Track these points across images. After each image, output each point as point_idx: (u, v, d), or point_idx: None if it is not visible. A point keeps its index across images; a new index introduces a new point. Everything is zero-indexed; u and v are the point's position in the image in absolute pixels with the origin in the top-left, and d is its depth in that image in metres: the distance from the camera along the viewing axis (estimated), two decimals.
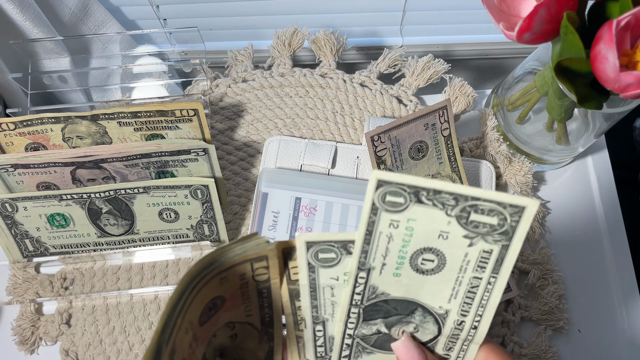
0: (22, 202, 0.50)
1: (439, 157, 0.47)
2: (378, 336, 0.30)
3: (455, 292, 0.28)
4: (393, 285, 0.28)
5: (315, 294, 0.29)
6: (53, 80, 0.62)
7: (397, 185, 0.24)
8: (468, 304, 0.28)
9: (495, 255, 0.26)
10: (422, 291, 0.28)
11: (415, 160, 0.46)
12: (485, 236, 0.25)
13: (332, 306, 0.29)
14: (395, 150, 0.45)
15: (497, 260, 0.26)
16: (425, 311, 0.29)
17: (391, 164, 0.45)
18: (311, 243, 0.26)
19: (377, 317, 0.29)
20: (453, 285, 0.27)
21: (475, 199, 0.23)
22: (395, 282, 0.28)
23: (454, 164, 0.47)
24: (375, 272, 0.27)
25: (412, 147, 0.45)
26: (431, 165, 0.46)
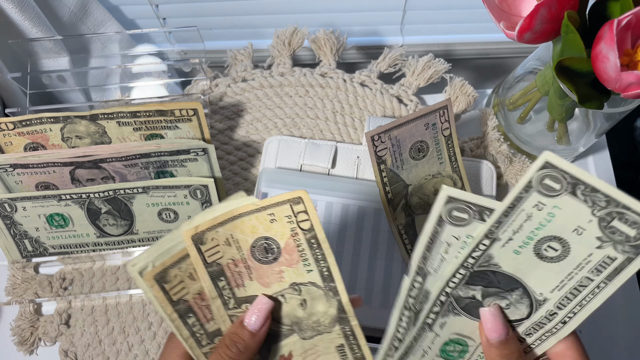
0: (21, 202, 0.50)
1: (440, 157, 0.46)
2: (471, 301, 0.31)
3: (563, 284, 0.29)
4: (508, 261, 0.29)
5: (432, 246, 0.30)
6: (52, 80, 0.62)
7: (559, 171, 0.25)
8: (568, 300, 0.30)
9: (617, 264, 0.28)
10: (531, 274, 0.29)
11: (416, 160, 0.46)
12: (617, 244, 0.27)
13: (440, 262, 0.30)
14: (396, 150, 0.45)
15: (617, 269, 0.28)
16: (524, 292, 0.30)
17: (391, 163, 0.45)
18: (452, 199, 0.28)
19: (479, 284, 0.31)
20: (563, 278, 0.29)
21: (626, 208, 0.25)
22: (511, 258, 0.29)
23: (454, 164, 0.47)
24: (499, 243, 0.28)
25: (413, 147, 0.45)
26: (432, 165, 0.46)
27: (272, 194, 0.53)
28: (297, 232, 0.31)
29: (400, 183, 0.46)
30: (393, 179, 0.46)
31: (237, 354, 0.30)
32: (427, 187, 0.46)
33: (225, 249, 0.31)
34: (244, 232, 0.31)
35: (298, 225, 0.31)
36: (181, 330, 0.32)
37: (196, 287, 0.32)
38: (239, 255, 0.32)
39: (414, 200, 0.46)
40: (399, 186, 0.46)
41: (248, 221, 0.31)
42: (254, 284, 0.33)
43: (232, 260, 0.32)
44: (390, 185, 0.46)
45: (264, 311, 0.32)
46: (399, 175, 0.45)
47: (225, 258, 0.32)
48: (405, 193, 0.46)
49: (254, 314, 0.32)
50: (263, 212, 0.31)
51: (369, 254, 0.51)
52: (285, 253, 0.32)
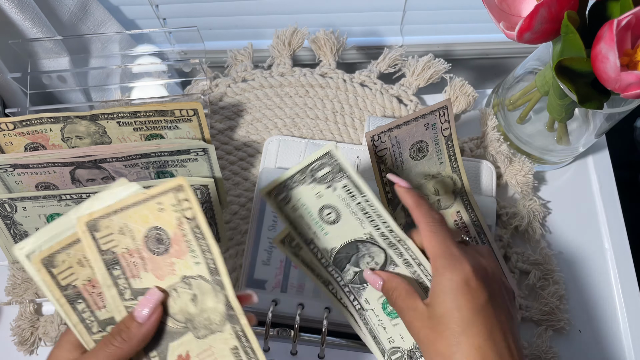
0: (21, 202, 0.50)
1: (440, 157, 0.46)
2: (358, 276, 0.39)
3: (359, 219, 0.37)
4: (330, 241, 0.38)
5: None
6: (52, 80, 0.62)
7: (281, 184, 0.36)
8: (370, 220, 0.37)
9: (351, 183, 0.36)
10: (346, 233, 0.38)
11: (416, 160, 0.46)
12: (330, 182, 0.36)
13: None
14: (396, 150, 0.45)
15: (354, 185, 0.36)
16: (361, 243, 0.38)
17: (391, 163, 0.45)
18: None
19: (345, 264, 0.39)
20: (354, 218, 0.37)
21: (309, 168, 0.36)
22: (329, 238, 0.38)
23: (454, 164, 0.47)
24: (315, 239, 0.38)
25: (413, 147, 0.45)
26: (431, 166, 0.46)
27: None
28: (182, 221, 0.32)
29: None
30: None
31: (121, 342, 0.31)
32: (427, 186, 0.46)
33: (119, 238, 0.32)
34: (136, 222, 0.32)
35: (182, 214, 0.31)
36: (70, 316, 0.32)
37: (86, 274, 0.32)
38: (134, 245, 0.32)
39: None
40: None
41: (140, 210, 0.31)
42: (149, 276, 0.33)
43: (127, 250, 0.32)
44: (390, 185, 0.46)
45: (153, 302, 0.32)
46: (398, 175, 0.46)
47: (120, 247, 0.32)
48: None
49: (143, 305, 0.32)
50: (152, 200, 0.31)
51: None
52: (174, 244, 0.32)
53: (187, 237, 0.32)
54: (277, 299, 0.49)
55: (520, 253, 0.55)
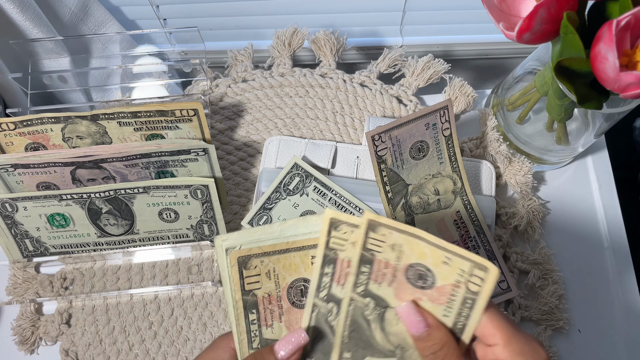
0: (22, 202, 0.50)
1: (440, 157, 0.47)
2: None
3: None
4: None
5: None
6: (53, 80, 0.62)
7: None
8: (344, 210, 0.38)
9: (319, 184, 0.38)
10: None
11: (416, 160, 0.46)
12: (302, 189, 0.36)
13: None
14: (396, 149, 0.45)
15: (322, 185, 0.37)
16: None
17: (392, 163, 0.45)
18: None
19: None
20: None
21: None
22: None
23: (454, 164, 0.47)
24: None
25: (413, 146, 0.46)
26: (432, 165, 0.46)
27: None
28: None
29: (400, 182, 0.46)
30: (393, 179, 0.46)
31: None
32: (427, 186, 0.47)
33: (264, 281, 0.30)
34: (285, 268, 0.30)
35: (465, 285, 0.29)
36: (240, 321, 0.31)
37: (268, 287, 0.31)
38: (275, 292, 0.31)
39: (413, 199, 0.46)
40: (398, 185, 0.46)
41: (292, 258, 0.30)
42: (283, 328, 0.32)
43: (268, 295, 0.31)
44: (390, 185, 0.46)
45: (296, 343, 0.30)
46: (399, 174, 0.46)
47: (262, 290, 0.31)
48: (405, 192, 0.46)
49: (285, 343, 0.30)
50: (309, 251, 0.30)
51: None
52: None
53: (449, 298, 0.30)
54: None
55: (519, 253, 0.55)
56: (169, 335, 0.53)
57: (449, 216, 0.46)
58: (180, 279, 0.55)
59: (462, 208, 0.46)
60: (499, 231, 0.55)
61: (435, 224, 0.44)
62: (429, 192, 0.47)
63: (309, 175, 0.36)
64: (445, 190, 0.46)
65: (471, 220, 0.45)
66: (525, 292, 0.54)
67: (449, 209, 0.46)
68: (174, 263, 0.55)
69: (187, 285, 0.54)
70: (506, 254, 0.55)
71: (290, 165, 0.36)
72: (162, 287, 0.54)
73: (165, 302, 0.54)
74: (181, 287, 0.54)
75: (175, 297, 0.54)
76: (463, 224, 0.45)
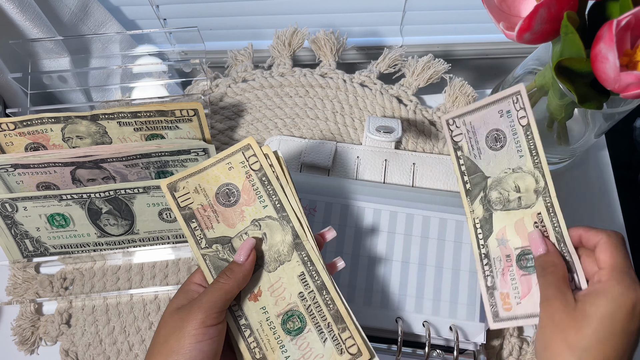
0: (22, 202, 0.50)
1: (519, 150, 0.43)
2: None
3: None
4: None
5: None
6: (53, 80, 0.62)
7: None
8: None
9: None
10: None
11: (494, 151, 0.44)
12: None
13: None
14: (472, 137, 0.44)
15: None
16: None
17: (468, 151, 0.44)
18: None
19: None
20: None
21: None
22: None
23: (536, 159, 0.42)
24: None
25: (489, 135, 0.43)
26: (511, 158, 0.43)
27: None
28: (251, 173, 0.40)
29: (479, 174, 0.44)
30: (471, 169, 0.45)
31: (226, 279, 0.38)
32: (507, 181, 0.43)
33: (194, 196, 0.40)
34: (209, 182, 0.40)
35: (250, 168, 0.40)
36: (185, 230, 0.40)
37: (199, 199, 0.40)
38: (207, 202, 0.40)
39: (493, 194, 0.44)
40: (477, 177, 0.44)
41: (211, 172, 0.40)
42: (221, 226, 0.40)
43: (201, 205, 0.40)
44: (468, 175, 0.44)
45: (247, 246, 0.39)
46: (476, 165, 0.44)
47: (195, 204, 0.40)
48: (484, 186, 0.44)
49: (241, 249, 0.39)
50: (222, 162, 0.40)
51: (368, 255, 0.51)
52: (243, 194, 0.40)
53: (255, 186, 0.40)
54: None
55: None
56: None
57: (529, 217, 0.42)
58: (180, 279, 0.55)
59: (544, 210, 0.42)
60: None
61: (514, 223, 0.42)
62: (509, 187, 0.43)
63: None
64: (526, 188, 0.42)
65: (552, 225, 0.41)
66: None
67: (529, 209, 0.42)
68: (174, 263, 0.55)
69: None
70: None
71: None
72: (162, 287, 0.54)
73: (165, 302, 0.54)
74: None
75: None
76: (544, 227, 0.41)
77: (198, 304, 0.36)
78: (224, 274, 0.38)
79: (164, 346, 0.36)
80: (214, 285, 0.38)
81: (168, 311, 0.38)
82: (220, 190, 0.40)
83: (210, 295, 0.37)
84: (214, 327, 0.36)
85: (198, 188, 0.40)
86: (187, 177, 0.40)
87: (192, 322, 0.36)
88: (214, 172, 0.40)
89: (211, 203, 0.40)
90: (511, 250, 0.42)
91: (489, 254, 0.43)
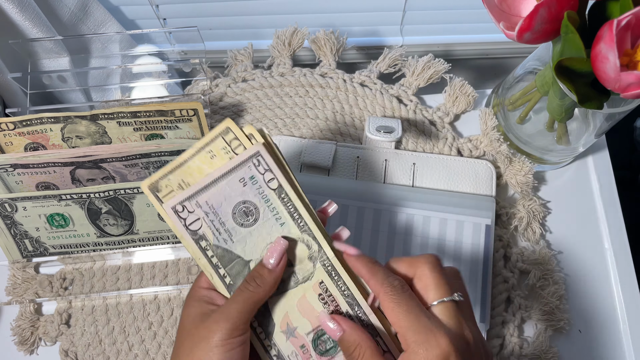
0: (22, 202, 0.50)
1: (278, 218, 0.36)
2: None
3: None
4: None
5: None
6: (52, 80, 0.62)
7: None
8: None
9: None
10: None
11: (248, 227, 0.36)
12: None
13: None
14: (214, 219, 0.36)
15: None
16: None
17: (215, 238, 0.36)
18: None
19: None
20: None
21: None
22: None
23: (300, 222, 0.36)
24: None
25: (236, 211, 0.36)
26: (271, 230, 0.36)
27: None
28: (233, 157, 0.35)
29: (237, 261, 0.36)
30: (225, 258, 0.36)
31: (256, 287, 0.34)
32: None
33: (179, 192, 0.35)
34: (192, 175, 0.35)
35: (234, 152, 0.35)
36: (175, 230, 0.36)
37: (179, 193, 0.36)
38: None
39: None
40: (236, 265, 0.36)
41: (193, 164, 0.35)
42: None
43: None
44: (224, 267, 0.36)
45: (280, 249, 0.35)
46: (231, 251, 0.36)
47: None
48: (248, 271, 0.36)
49: (272, 253, 0.35)
50: (202, 152, 0.35)
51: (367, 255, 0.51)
52: None
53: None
54: None
55: (520, 253, 0.55)
56: (168, 335, 0.53)
57: (310, 291, 0.36)
58: (180, 279, 0.55)
59: (325, 277, 0.36)
60: (500, 231, 0.55)
61: (296, 304, 0.36)
62: None
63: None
64: (299, 259, 0.36)
65: (340, 290, 0.35)
66: (525, 292, 0.54)
67: (309, 281, 0.36)
68: (173, 263, 0.55)
69: (186, 285, 0.54)
70: (507, 254, 0.55)
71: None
72: (162, 287, 0.54)
73: (165, 302, 0.54)
74: (181, 287, 0.54)
75: (175, 297, 0.54)
76: (330, 296, 0.35)
77: (226, 315, 0.34)
78: (253, 280, 0.35)
79: (190, 357, 0.34)
80: (242, 293, 0.35)
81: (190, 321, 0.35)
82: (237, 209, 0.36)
83: (238, 305, 0.34)
84: (242, 336, 0.34)
85: (182, 183, 0.35)
86: (167, 175, 0.35)
87: (219, 333, 0.33)
88: (195, 163, 0.35)
89: None
90: (304, 339, 0.36)
91: (280, 354, 0.36)
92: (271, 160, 0.35)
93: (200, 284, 0.37)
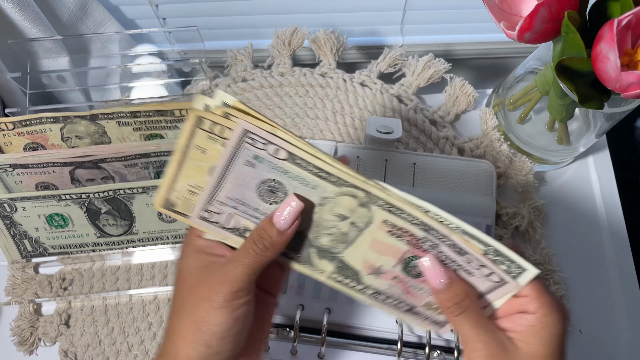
0: (21, 202, 0.49)
1: (306, 184, 0.33)
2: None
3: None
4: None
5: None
6: (52, 80, 0.62)
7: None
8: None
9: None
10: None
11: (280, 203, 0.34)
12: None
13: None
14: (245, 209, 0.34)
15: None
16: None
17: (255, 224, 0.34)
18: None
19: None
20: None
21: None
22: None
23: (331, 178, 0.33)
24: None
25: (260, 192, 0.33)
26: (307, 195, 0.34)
27: None
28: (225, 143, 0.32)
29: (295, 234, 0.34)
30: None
31: (263, 249, 0.32)
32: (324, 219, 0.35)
33: (195, 198, 0.33)
34: (195, 177, 0.33)
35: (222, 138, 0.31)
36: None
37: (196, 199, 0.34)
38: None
39: (323, 240, 0.35)
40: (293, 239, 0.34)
41: (190, 167, 0.33)
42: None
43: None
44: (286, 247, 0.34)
45: (293, 212, 0.32)
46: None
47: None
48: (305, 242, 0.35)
49: (283, 212, 0.32)
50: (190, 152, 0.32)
51: None
52: None
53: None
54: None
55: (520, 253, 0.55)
56: None
57: (378, 232, 0.34)
58: None
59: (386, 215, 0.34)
60: (500, 231, 0.55)
61: (370, 248, 0.34)
62: (332, 222, 0.35)
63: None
64: (350, 209, 0.34)
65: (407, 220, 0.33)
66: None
67: (372, 224, 0.34)
68: (173, 263, 0.55)
69: None
70: None
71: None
72: (162, 288, 0.54)
73: (164, 302, 0.54)
74: None
75: None
76: (400, 229, 0.34)
77: (231, 278, 0.32)
78: (261, 242, 0.32)
79: (192, 316, 0.32)
80: (248, 256, 0.32)
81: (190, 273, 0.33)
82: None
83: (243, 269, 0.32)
84: (247, 296, 0.32)
85: (192, 189, 0.33)
86: (172, 188, 0.33)
87: (222, 294, 0.31)
88: (191, 166, 0.32)
89: None
90: (392, 272, 0.35)
91: (378, 290, 0.36)
92: (264, 132, 0.30)
93: (197, 232, 0.34)
